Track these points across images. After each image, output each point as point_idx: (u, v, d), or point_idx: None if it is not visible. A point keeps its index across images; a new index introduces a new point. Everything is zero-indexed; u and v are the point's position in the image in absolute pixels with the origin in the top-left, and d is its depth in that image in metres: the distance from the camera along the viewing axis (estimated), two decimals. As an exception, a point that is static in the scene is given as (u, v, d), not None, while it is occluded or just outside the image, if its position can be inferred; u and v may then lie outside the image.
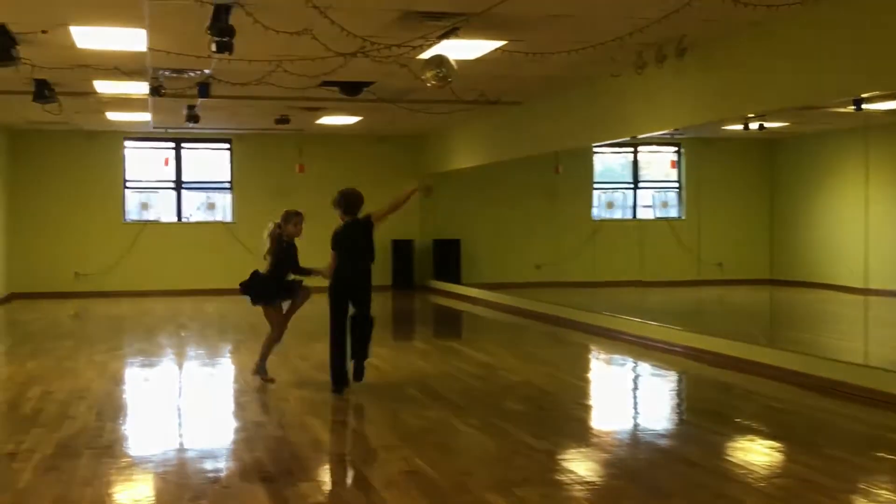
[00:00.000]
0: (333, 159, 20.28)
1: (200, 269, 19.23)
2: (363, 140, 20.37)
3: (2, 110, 15.50)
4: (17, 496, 5.36)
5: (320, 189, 20.12)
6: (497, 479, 5.61)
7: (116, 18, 8.93)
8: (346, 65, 10.72)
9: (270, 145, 19.86)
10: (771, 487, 5.53)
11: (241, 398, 8.38)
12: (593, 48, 9.82)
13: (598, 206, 18.22)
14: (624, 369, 10.47)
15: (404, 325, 15.65)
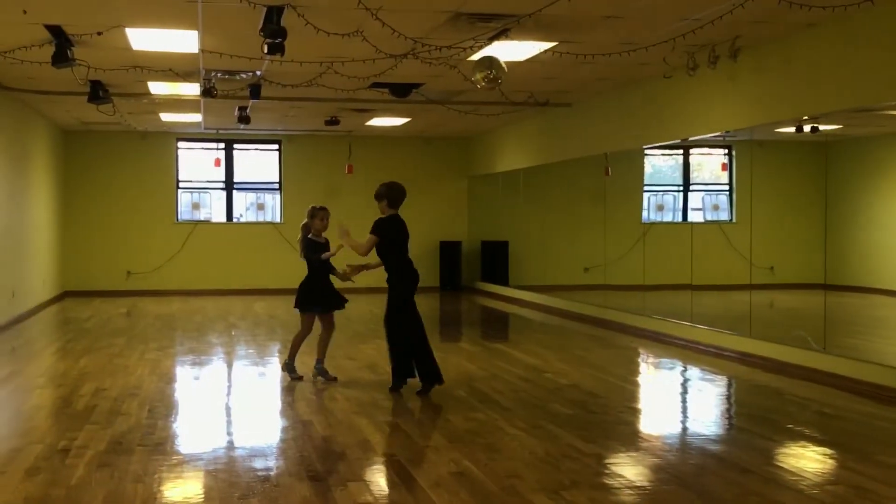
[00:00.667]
0: (381, 160, 20.35)
1: (250, 268, 19.43)
2: (411, 141, 20.44)
3: (57, 111, 15.76)
4: (70, 492, 5.43)
5: (368, 190, 20.21)
6: (545, 482, 5.59)
7: (170, 20, 9.04)
8: (396, 66, 10.75)
9: (319, 146, 19.99)
10: (823, 495, 5.44)
11: (289, 397, 8.43)
12: (645, 50, 9.76)
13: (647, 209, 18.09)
14: (673, 373, 10.37)
15: (451, 326, 15.65)
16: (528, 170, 17.63)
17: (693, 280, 12.64)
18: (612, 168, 14.74)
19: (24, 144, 15.10)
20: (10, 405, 8.26)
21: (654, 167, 19.50)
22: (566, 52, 10.11)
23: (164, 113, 15.98)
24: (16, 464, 6.00)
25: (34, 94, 13.46)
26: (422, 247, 20.64)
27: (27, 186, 15.37)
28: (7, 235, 13.86)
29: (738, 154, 18.58)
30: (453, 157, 20.90)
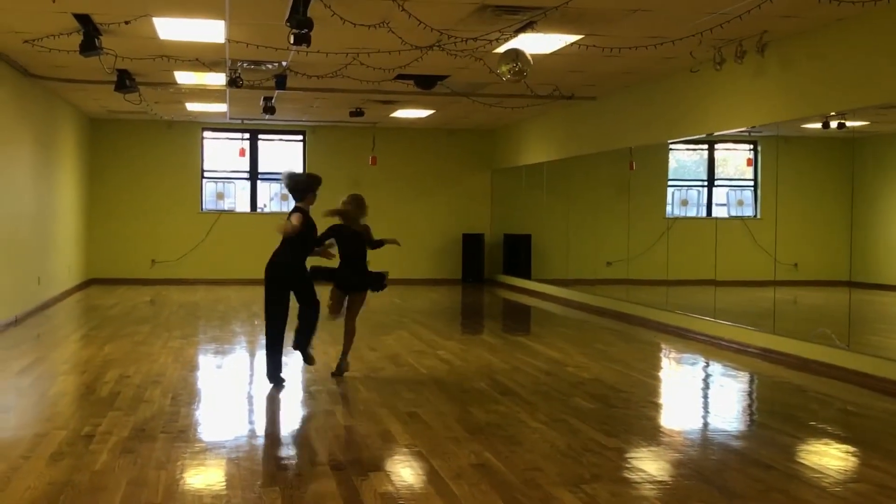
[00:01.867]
0: (405, 152, 20.41)
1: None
2: (435, 133, 20.44)
3: (84, 99, 15.86)
4: (94, 477, 5.48)
5: (392, 181, 20.37)
6: (567, 476, 5.59)
7: (198, 10, 9.07)
8: (422, 58, 10.76)
9: (343, 137, 20.02)
10: (846, 492, 5.41)
11: (311, 387, 8.46)
12: (672, 43, 9.73)
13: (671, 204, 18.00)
14: (695, 369, 10.34)
15: (473, 319, 15.66)
16: (552, 163, 17.59)
17: (717, 276, 12.58)
18: (636, 162, 14.69)
19: (51, 132, 15.21)
20: (35, 391, 8.32)
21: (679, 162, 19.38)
22: (592, 46, 10.09)
23: (190, 102, 16.05)
24: (40, 449, 6.06)
25: (62, 83, 13.57)
26: (444, 239, 20.71)
27: (54, 174, 15.48)
28: (34, 222, 13.97)
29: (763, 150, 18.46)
30: (477, 150, 20.90)
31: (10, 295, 12.33)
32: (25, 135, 13.33)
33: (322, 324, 8.96)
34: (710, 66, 10.79)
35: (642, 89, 13.45)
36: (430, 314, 14.64)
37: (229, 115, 17.79)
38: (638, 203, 15.04)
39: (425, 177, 20.67)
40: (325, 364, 9.46)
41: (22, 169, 13.17)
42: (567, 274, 17.22)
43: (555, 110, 16.43)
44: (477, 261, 20.54)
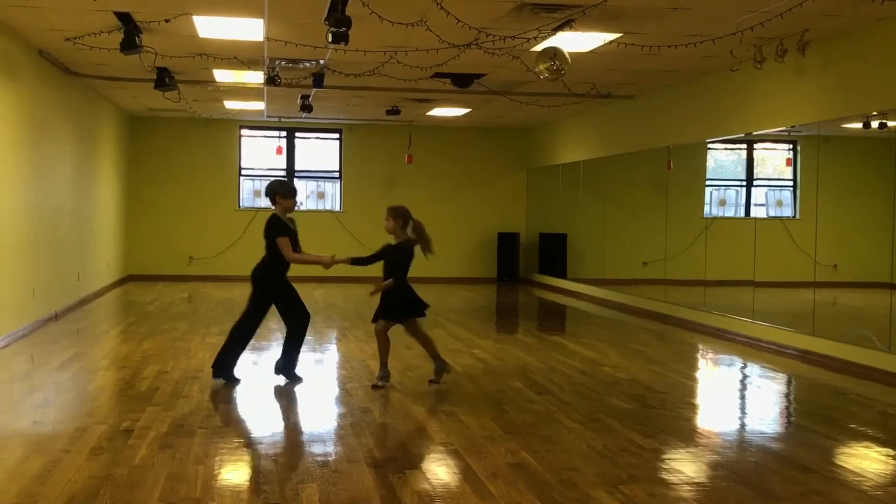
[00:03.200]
0: (441, 150, 20.42)
1: (309, 256, 19.55)
2: (471, 132, 20.44)
3: (124, 97, 16.01)
4: (134, 472, 5.52)
5: (428, 180, 20.38)
6: (603, 476, 5.56)
7: (237, 8, 9.13)
8: (459, 56, 10.75)
9: (380, 136, 20.07)
10: (887, 496, 5.34)
11: (347, 384, 8.48)
12: (712, 42, 9.65)
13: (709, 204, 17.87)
14: (733, 370, 10.25)
15: (508, 318, 15.63)
16: (588, 162, 17.52)
17: (755, 276, 12.47)
18: (673, 161, 14.59)
19: (91, 129, 15.37)
20: (74, 386, 8.41)
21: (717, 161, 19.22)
22: (631, 44, 10.04)
23: (228, 100, 16.16)
24: (80, 443, 6.12)
25: (102, 80, 13.71)
26: (479, 238, 20.70)
27: (94, 171, 15.64)
28: (74, 219, 14.12)
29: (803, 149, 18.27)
30: (513, 149, 20.87)
31: (51, 290, 12.48)
32: (66, 132, 13.48)
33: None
34: (751, 64, 10.69)
35: (681, 88, 13.36)
36: (466, 313, 14.64)
37: (267, 113, 17.90)
38: (675, 203, 14.93)
39: (461, 175, 20.67)
40: (361, 362, 9.50)
41: (63, 166, 13.32)
42: (603, 273, 17.15)
43: (592, 109, 16.37)
44: (512, 260, 20.52)
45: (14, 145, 10.69)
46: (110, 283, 17.13)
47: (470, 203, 20.71)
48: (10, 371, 9.15)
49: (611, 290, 16.17)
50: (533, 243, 20.37)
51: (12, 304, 10.69)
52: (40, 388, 8.29)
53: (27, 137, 11.22)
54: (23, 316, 11.10)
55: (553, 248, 19.45)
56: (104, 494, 5.06)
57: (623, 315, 14.65)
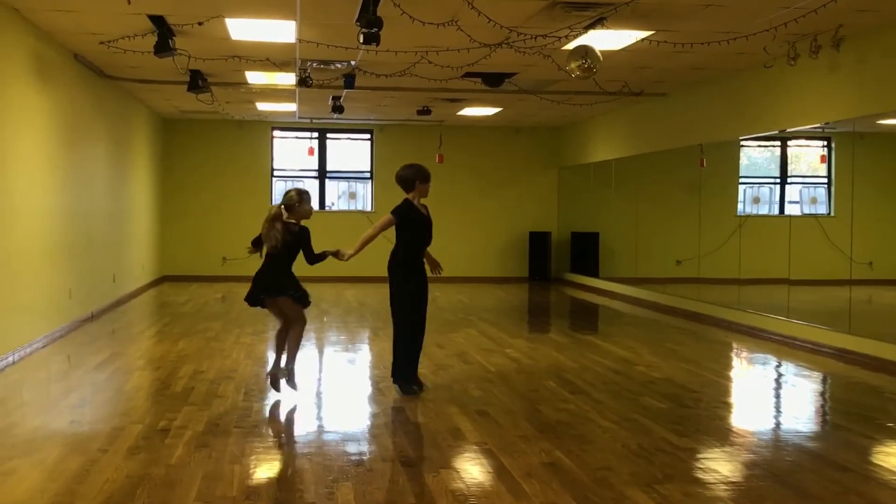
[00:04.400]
0: (471, 150, 20.42)
1: (341, 256, 19.63)
2: (501, 131, 20.42)
3: (157, 99, 16.14)
4: (170, 471, 5.57)
5: (459, 180, 20.38)
6: (639, 476, 5.53)
7: (269, 10, 9.18)
8: (490, 56, 10.75)
9: (410, 136, 20.09)
10: (928, 497, 5.29)
11: (380, 384, 8.50)
12: (745, 38, 9.58)
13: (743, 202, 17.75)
14: (768, 368, 10.17)
15: (540, 317, 15.61)
16: (620, 160, 17.46)
17: (790, 274, 12.38)
18: (706, 159, 14.51)
19: (125, 132, 15.51)
20: (111, 386, 8.50)
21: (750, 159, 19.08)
22: (663, 41, 9.99)
23: (261, 102, 16.25)
24: (118, 443, 6.18)
25: (136, 83, 13.83)
26: (511, 237, 20.68)
27: (128, 173, 15.79)
28: (109, 220, 14.26)
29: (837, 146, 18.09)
30: (544, 148, 20.83)
31: (87, 291, 12.60)
32: (101, 134, 13.61)
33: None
34: (784, 61, 10.60)
35: (713, 85, 13.28)
36: (497, 312, 14.63)
37: (298, 115, 17.98)
38: (708, 200, 14.84)
39: (492, 175, 20.66)
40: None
41: (98, 168, 13.45)
42: (636, 272, 17.08)
43: (623, 107, 16.31)
44: (544, 259, 20.48)
45: (50, 148, 10.81)
46: (145, 284, 17.28)
47: (501, 202, 20.69)
48: (47, 371, 9.26)
49: (644, 288, 16.10)
50: (565, 242, 20.32)
51: (49, 305, 10.82)
52: (77, 389, 8.38)
53: (63, 140, 11.34)
54: (60, 317, 11.22)
55: (585, 247, 19.39)
56: (142, 494, 5.10)
57: (656, 314, 14.58)
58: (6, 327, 9.14)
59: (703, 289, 14.32)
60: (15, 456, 5.85)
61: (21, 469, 5.58)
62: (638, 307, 15.55)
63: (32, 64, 10.00)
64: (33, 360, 9.59)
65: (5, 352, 9.04)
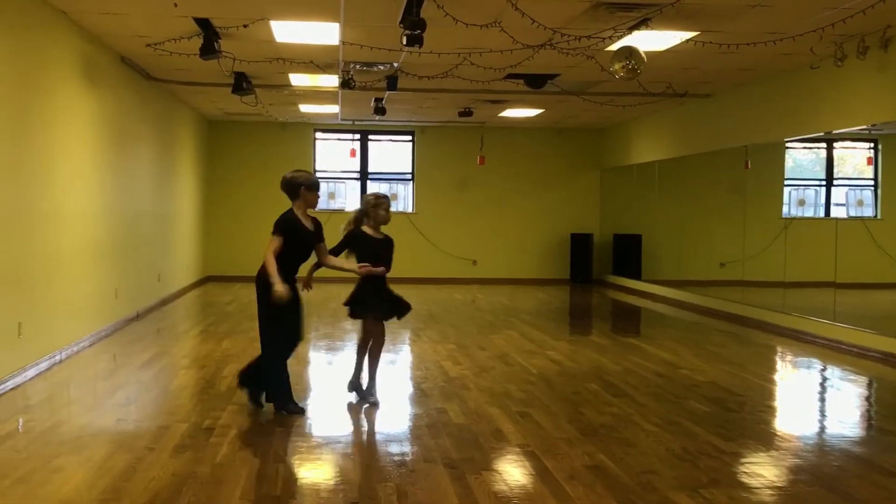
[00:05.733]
0: (513, 151, 20.39)
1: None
2: (543, 132, 20.37)
3: (202, 101, 16.29)
4: (216, 469, 5.62)
5: (500, 181, 20.38)
6: (683, 480, 5.50)
7: (313, 13, 9.23)
8: (533, 57, 10.73)
9: (452, 137, 20.11)
10: (979, 504, 5.20)
11: (423, 385, 8.51)
12: (792, 39, 9.48)
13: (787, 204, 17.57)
14: (814, 372, 10.06)
15: (582, 319, 15.55)
16: (664, 162, 17.35)
17: (836, 277, 12.23)
18: (751, 161, 14.38)
19: (171, 134, 15.67)
20: (157, 384, 8.60)
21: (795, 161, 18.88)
22: (708, 42, 9.91)
23: (304, 104, 16.35)
24: (164, 441, 6.25)
25: (181, 85, 13.98)
26: (552, 239, 20.62)
27: (173, 174, 15.95)
28: (155, 221, 14.41)
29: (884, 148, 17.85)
30: (586, 149, 20.75)
31: (133, 291, 12.75)
32: (147, 136, 13.77)
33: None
34: (831, 62, 10.48)
35: (759, 86, 13.16)
36: (539, 314, 14.60)
37: (341, 116, 18.06)
38: (753, 203, 14.71)
39: (533, 176, 20.62)
40: (435, 363, 9.57)
41: (144, 169, 13.61)
42: (679, 275, 16.97)
43: (667, 108, 16.20)
44: (585, 261, 20.40)
45: (98, 150, 10.95)
46: (189, 284, 17.45)
47: (542, 204, 20.64)
48: (93, 370, 9.38)
49: (687, 291, 15.98)
50: (607, 244, 20.22)
51: (96, 304, 10.95)
52: (123, 387, 8.48)
53: (110, 142, 11.48)
54: (106, 316, 11.36)
55: (627, 249, 19.28)
56: (187, 492, 5.15)
57: (699, 317, 14.47)
58: (54, 326, 9.28)
59: (747, 291, 14.19)
60: (63, 453, 5.93)
61: (69, 466, 5.66)
62: (681, 310, 15.44)
63: (80, 66, 10.14)
64: (80, 358, 9.72)
65: (53, 350, 9.17)
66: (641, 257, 18.80)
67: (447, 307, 15.21)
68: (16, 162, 8.27)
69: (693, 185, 17.00)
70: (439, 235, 20.17)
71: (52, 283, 9.29)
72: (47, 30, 9.12)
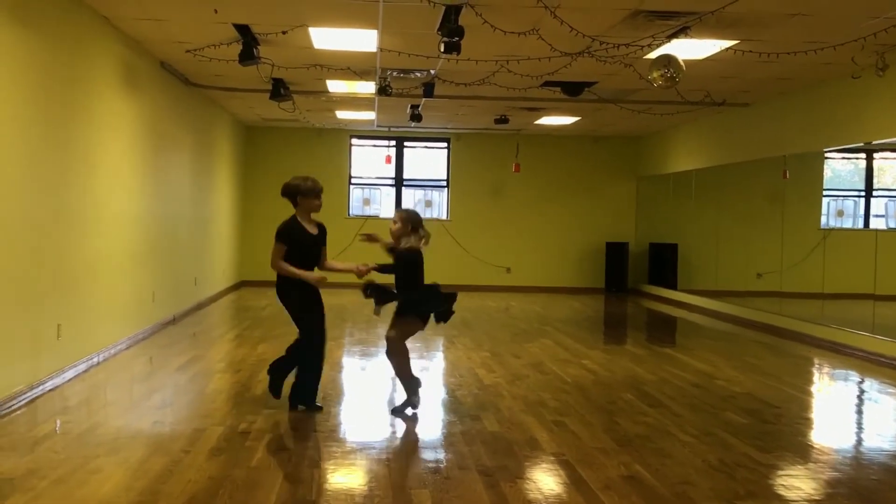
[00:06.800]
0: (548, 159, 20.36)
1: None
2: (579, 140, 20.32)
3: (240, 107, 16.41)
4: (251, 472, 5.64)
5: (535, 188, 20.34)
6: (720, 491, 5.44)
7: (352, 20, 9.26)
8: (570, 64, 10.70)
9: (487, 144, 20.11)
10: None
11: (457, 392, 8.51)
12: (833, 49, 9.39)
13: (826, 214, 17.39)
14: (851, 385, 9.94)
15: (617, 328, 15.47)
16: (701, 171, 17.24)
17: (876, 289, 12.07)
18: (789, 171, 14.25)
19: (209, 139, 15.79)
20: (193, 388, 8.65)
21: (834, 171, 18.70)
22: (748, 51, 9.84)
23: (340, 110, 16.42)
24: (200, 444, 6.28)
25: (220, 91, 14.08)
26: (587, 247, 20.55)
27: (211, 179, 16.07)
28: (192, 225, 14.52)
29: (926, 159, 17.63)
30: (622, 158, 20.67)
31: (170, 295, 12.85)
32: (186, 141, 13.89)
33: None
34: (872, 71, 10.37)
35: (798, 96, 13.05)
36: (573, 323, 14.54)
37: (377, 123, 18.12)
38: (791, 213, 14.57)
39: (569, 184, 20.56)
40: (469, 370, 9.56)
41: (182, 174, 13.72)
42: (716, 285, 16.83)
43: (705, 117, 16.10)
44: (620, 270, 20.30)
45: (137, 155, 11.06)
46: (225, 289, 17.56)
47: (578, 212, 20.58)
48: (130, 372, 9.46)
49: (723, 301, 15.86)
50: (642, 253, 20.12)
51: (133, 307, 11.05)
52: (159, 390, 8.54)
53: (149, 147, 11.59)
54: (143, 319, 11.46)
55: (663, 259, 19.16)
56: (223, 495, 5.18)
57: (736, 327, 14.35)
58: (92, 328, 9.37)
59: (785, 303, 14.05)
60: (100, 455, 5.98)
61: (106, 467, 5.71)
62: (717, 320, 15.32)
63: (121, 71, 10.25)
64: (117, 361, 9.81)
65: (91, 352, 9.27)
66: (677, 267, 18.67)
67: (481, 314, 15.19)
68: (58, 166, 8.37)
69: (730, 195, 16.87)
70: (473, 243, 20.16)
71: (91, 286, 9.38)
72: (89, 35, 9.23)
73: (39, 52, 7.89)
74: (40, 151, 7.94)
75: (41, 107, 7.97)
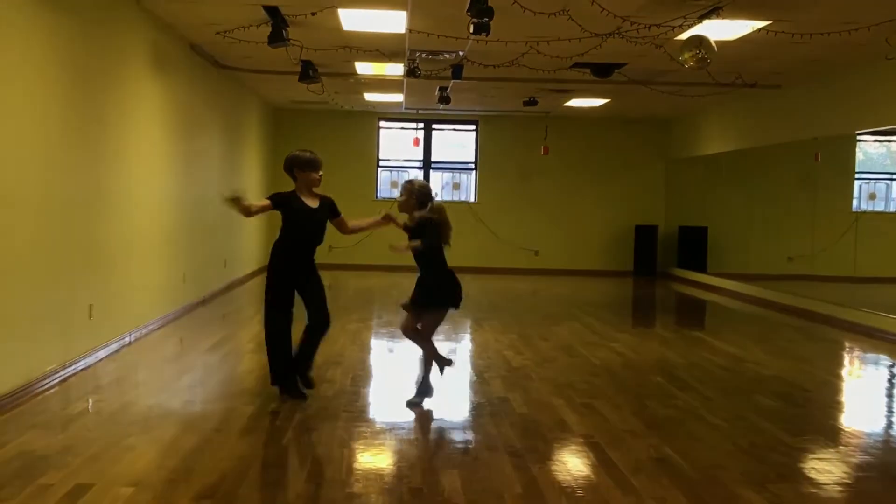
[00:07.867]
0: (577, 141, 20.27)
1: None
2: (608, 123, 20.19)
3: (269, 89, 16.44)
4: (281, 452, 5.69)
5: (563, 171, 20.28)
6: (751, 475, 5.42)
7: (382, 1, 9.24)
8: (600, 46, 10.62)
9: (515, 127, 20.04)
10: None
11: (485, 373, 8.51)
12: (867, 29, 9.26)
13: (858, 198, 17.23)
14: (883, 369, 9.85)
15: (646, 311, 15.42)
16: (731, 153, 17.11)
17: (908, 273, 11.96)
18: (820, 153, 14.11)
19: (238, 121, 15.84)
20: (223, 368, 8.71)
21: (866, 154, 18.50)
22: (780, 32, 9.73)
23: (369, 93, 16.41)
24: (230, 423, 6.34)
25: (249, 73, 14.11)
26: (616, 230, 20.47)
27: (240, 161, 16.13)
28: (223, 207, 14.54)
29: (960, 141, 17.40)
30: (652, 140, 20.54)
31: (200, 276, 12.93)
32: (215, 123, 13.93)
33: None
34: (907, 52, 10.24)
35: (831, 77, 12.90)
36: (602, 306, 14.51)
37: (405, 105, 18.09)
38: (823, 196, 14.44)
39: (598, 166, 20.48)
40: (497, 352, 9.55)
41: (212, 156, 13.78)
42: (746, 268, 16.73)
43: (736, 99, 15.95)
44: (649, 253, 20.19)
45: (167, 137, 11.11)
46: (254, 270, 17.64)
47: (606, 195, 20.49)
48: (162, 353, 9.53)
49: (753, 285, 15.75)
50: (672, 236, 20.00)
51: (165, 288, 11.13)
52: (190, 370, 8.61)
53: (179, 129, 11.64)
54: (174, 300, 11.54)
55: (693, 242, 19.03)
56: (254, 473, 5.22)
57: (766, 311, 14.26)
58: (124, 308, 9.44)
59: (816, 286, 13.94)
60: (133, 433, 6.04)
61: (139, 446, 5.76)
62: (747, 304, 15.23)
63: (151, 54, 10.29)
64: (148, 341, 9.89)
65: (122, 332, 9.34)
66: (707, 250, 18.55)
67: (509, 297, 15.19)
68: (91, 148, 8.42)
69: (761, 178, 16.74)
70: (501, 225, 20.13)
71: (123, 266, 9.46)
72: (121, 19, 9.27)
73: (75, 38, 7.94)
74: (74, 133, 8.00)
75: (78, 91, 8.02)
